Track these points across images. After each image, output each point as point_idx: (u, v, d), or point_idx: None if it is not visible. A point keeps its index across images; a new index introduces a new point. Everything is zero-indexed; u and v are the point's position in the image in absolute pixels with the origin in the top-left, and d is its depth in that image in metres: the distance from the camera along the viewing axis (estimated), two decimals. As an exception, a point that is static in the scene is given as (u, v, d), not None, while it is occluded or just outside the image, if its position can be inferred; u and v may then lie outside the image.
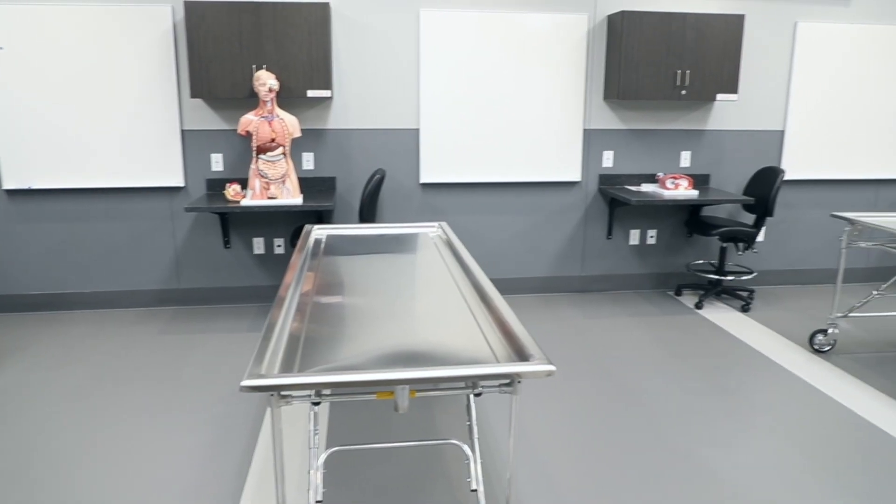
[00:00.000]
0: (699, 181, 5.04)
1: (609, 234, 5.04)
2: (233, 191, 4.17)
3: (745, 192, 5.00)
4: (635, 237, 5.08)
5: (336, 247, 3.07)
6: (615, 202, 4.94)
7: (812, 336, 4.00)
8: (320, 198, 4.30)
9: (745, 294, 4.84)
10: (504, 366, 1.65)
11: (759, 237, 5.24)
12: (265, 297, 4.79)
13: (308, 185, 4.63)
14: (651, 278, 5.19)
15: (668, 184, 4.66)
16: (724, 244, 4.81)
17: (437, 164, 4.71)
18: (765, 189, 4.72)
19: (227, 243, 4.64)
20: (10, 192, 4.40)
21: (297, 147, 4.56)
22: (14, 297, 4.56)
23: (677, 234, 5.14)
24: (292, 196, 4.17)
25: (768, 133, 5.04)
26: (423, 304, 2.22)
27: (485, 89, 4.64)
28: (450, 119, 4.65)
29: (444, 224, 3.44)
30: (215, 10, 4.06)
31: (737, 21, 4.50)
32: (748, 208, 4.97)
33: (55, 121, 4.29)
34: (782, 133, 5.05)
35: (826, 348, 3.97)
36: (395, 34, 4.50)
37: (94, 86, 4.28)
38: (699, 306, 4.76)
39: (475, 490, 2.03)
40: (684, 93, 4.56)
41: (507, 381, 1.75)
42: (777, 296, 5.08)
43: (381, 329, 1.97)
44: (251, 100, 4.33)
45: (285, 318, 2.03)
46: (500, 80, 4.64)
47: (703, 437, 2.95)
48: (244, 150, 4.52)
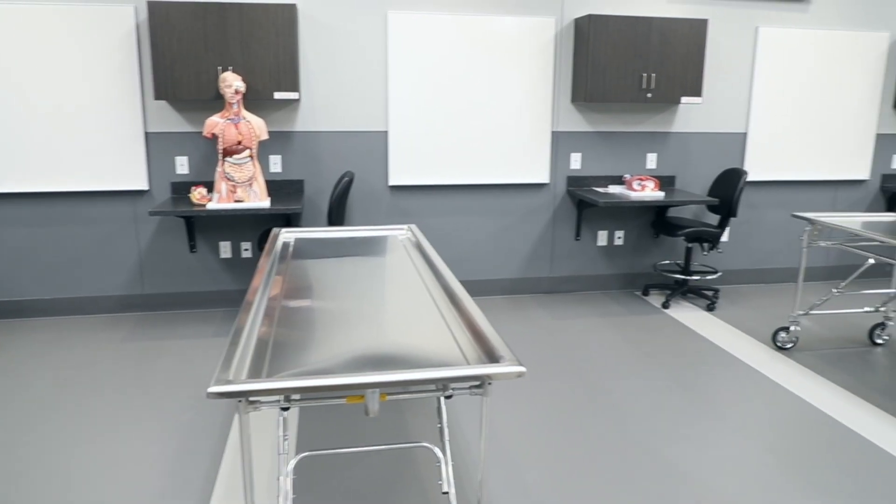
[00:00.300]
0: (665, 183, 5.12)
1: (577, 235, 5.09)
2: (199, 194, 4.11)
3: (710, 194, 5.10)
4: (603, 238, 5.14)
5: (304, 250, 3.04)
6: (583, 204, 4.99)
7: (775, 334, 4.09)
8: (288, 201, 4.26)
9: (710, 293, 4.93)
10: (474, 368, 1.65)
11: (724, 237, 5.34)
12: (232, 301, 4.72)
13: (276, 188, 4.58)
14: (619, 279, 5.25)
15: (635, 185, 4.72)
16: (690, 244, 4.89)
17: (406, 167, 4.71)
18: (728, 190, 4.82)
19: (192, 247, 4.57)
20: (-34, 196, 4.27)
21: (265, 150, 4.52)
22: (-30, 304, 4.43)
23: (644, 234, 5.21)
24: (260, 199, 4.13)
25: (731, 135, 5.14)
26: (392, 307, 2.21)
27: (453, 92, 4.65)
28: (418, 121, 4.65)
29: (413, 226, 3.44)
30: (179, 11, 3.99)
31: (700, 26, 4.59)
32: (713, 209, 5.07)
33: (14, 123, 4.17)
34: (745, 135, 5.16)
35: (788, 345, 4.06)
36: (363, 36, 4.48)
37: (54, 87, 4.18)
38: (666, 306, 4.83)
39: (446, 493, 2.03)
40: (650, 96, 4.63)
41: (477, 382, 1.75)
42: (741, 294, 5.18)
43: (350, 332, 1.95)
44: (217, 102, 4.27)
45: (253, 323, 2.01)
46: (468, 83, 4.66)
47: (672, 435, 2.99)
48: (210, 152, 4.45)
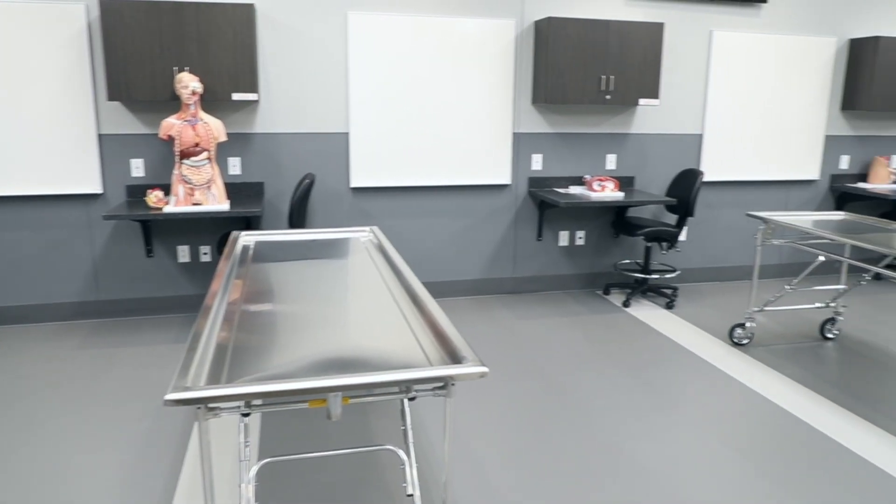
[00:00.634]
0: (624, 183, 5.20)
1: (539, 235, 5.13)
2: (155, 197, 4.02)
3: (668, 194, 5.20)
4: (564, 238, 5.20)
5: (265, 253, 3.00)
6: (545, 204, 5.04)
7: (731, 330, 4.19)
8: (248, 203, 4.19)
9: (669, 292, 5.02)
10: (437, 369, 1.65)
11: (682, 236, 5.45)
12: (191, 306, 4.63)
13: (235, 190, 4.51)
14: (580, 278, 5.31)
15: (595, 186, 4.78)
16: (649, 244, 4.98)
17: (368, 168, 4.68)
18: (686, 190, 4.92)
19: (149, 252, 4.47)
20: None
21: (223, 151, 4.44)
22: (-87, 313, 4.25)
23: (604, 234, 5.28)
24: (218, 202, 4.06)
25: (688, 137, 5.25)
26: (355, 309, 2.20)
27: (414, 93, 4.64)
28: (380, 123, 4.63)
29: (375, 228, 3.42)
30: (133, 10, 3.90)
31: (657, 29, 4.67)
32: (671, 209, 5.17)
33: (-43, 124, 4.03)
34: (701, 136, 5.27)
35: (744, 341, 4.16)
36: (323, 37, 4.45)
37: (1, 88, 4.04)
38: (626, 304, 4.91)
39: (411, 495, 2.02)
40: (609, 97, 4.70)
41: (440, 384, 1.75)
42: (699, 292, 5.29)
43: (312, 336, 1.93)
44: (173, 103, 4.19)
45: (212, 328, 1.97)
46: (429, 85, 4.66)
47: (633, 431, 3.04)
48: (166, 154, 4.36)
